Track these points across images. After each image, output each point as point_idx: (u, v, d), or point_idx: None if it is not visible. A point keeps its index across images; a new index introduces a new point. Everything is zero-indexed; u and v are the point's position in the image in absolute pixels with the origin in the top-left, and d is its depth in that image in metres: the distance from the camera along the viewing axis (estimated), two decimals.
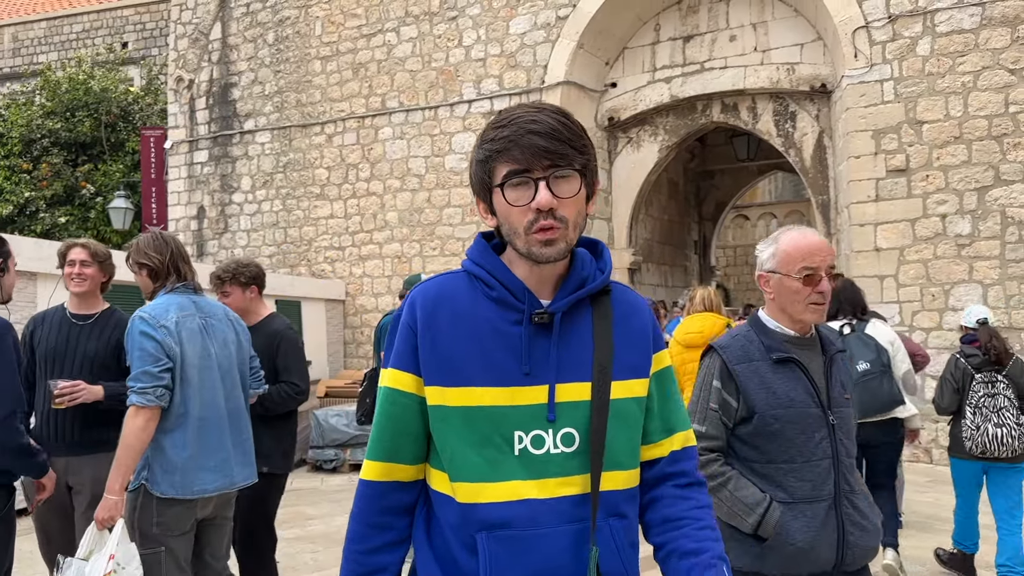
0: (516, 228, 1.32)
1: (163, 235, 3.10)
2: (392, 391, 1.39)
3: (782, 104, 9.76)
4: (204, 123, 12.92)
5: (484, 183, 1.36)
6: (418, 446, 1.40)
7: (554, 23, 10.19)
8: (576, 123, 1.32)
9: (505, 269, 1.37)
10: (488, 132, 1.34)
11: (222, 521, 3.09)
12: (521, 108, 1.33)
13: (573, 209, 1.32)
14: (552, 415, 1.32)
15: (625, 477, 1.38)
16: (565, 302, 1.36)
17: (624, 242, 10.86)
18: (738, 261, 21.90)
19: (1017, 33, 7.79)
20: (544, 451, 1.32)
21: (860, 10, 8.43)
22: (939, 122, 8.06)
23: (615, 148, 10.88)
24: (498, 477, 1.31)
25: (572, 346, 1.36)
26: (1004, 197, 7.80)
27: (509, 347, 1.33)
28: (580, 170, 1.32)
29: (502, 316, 1.35)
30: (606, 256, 1.45)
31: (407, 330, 1.39)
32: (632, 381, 1.39)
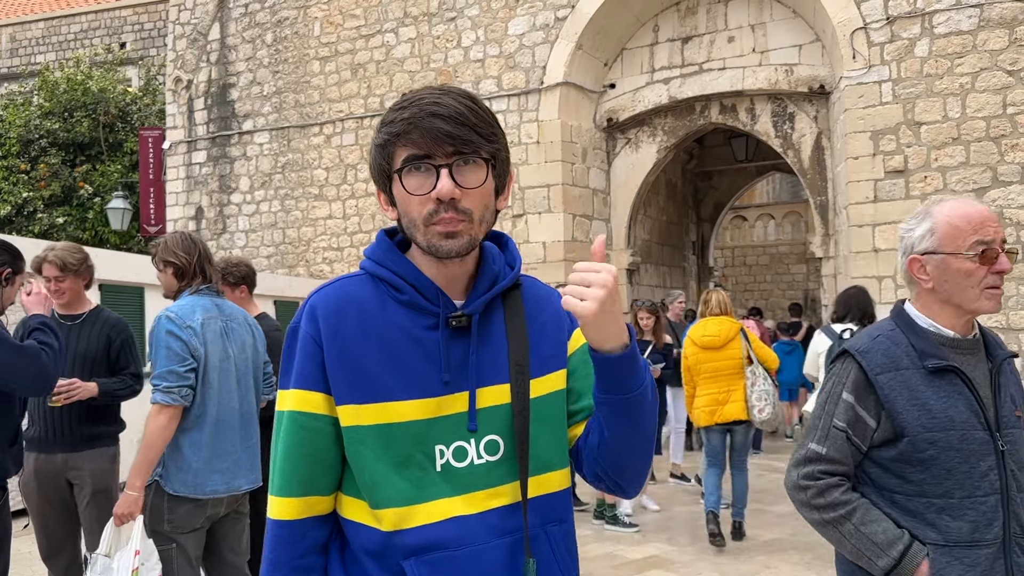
0: (415, 219, 1.20)
1: (191, 236, 3.13)
2: (300, 415, 1.23)
3: (780, 105, 9.77)
4: (202, 123, 12.91)
5: (383, 170, 1.24)
6: (334, 474, 1.26)
7: (553, 24, 10.20)
8: (485, 109, 1.21)
9: (414, 269, 1.25)
10: (388, 115, 1.21)
11: (236, 516, 3.11)
12: (425, 90, 1.21)
13: (479, 201, 1.21)
14: (473, 424, 1.23)
15: (559, 478, 1.29)
16: (480, 302, 1.25)
17: (623, 243, 10.86)
18: (736, 262, 21.91)
19: (1015, 35, 7.80)
20: (467, 463, 1.22)
21: (858, 11, 8.44)
22: (937, 123, 8.08)
23: (614, 149, 10.88)
24: (424, 498, 1.20)
25: (488, 348, 1.26)
26: (1002, 198, 7.81)
27: (426, 354, 1.22)
28: (487, 159, 1.21)
29: (415, 321, 1.23)
30: (512, 249, 1.34)
31: (310, 344, 1.23)
32: (550, 375, 1.30)
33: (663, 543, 5.61)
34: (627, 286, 10.86)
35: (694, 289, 14.50)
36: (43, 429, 3.37)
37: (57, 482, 3.36)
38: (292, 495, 1.24)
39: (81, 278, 3.45)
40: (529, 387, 1.25)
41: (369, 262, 1.29)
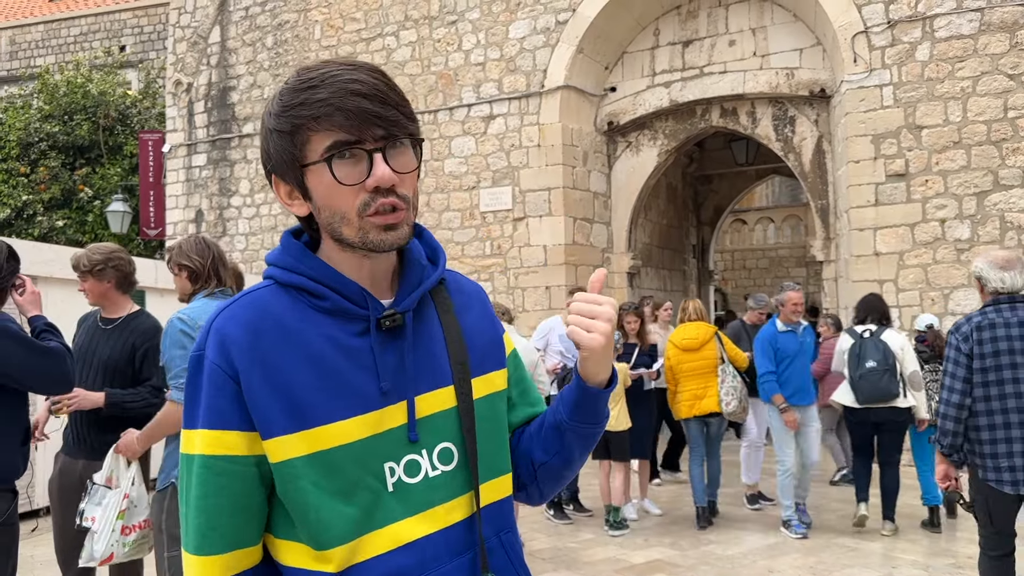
0: (345, 213, 1.06)
1: (205, 239, 3.12)
2: (214, 460, 1.05)
3: (781, 109, 9.78)
4: (202, 127, 12.91)
5: (293, 159, 1.07)
6: (261, 520, 1.09)
7: (553, 28, 10.20)
8: (397, 86, 1.09)
9: (332, 271, 1.10)
10: (291, 95, 1.05)
11: None
12: (332, 65, 1.06)
13: (411, 186, 1.09)
14: (414, 435, 1.10)
15: (506, 482, 1.21)
16: (412, 299, 1.13)
17: (623, 246, 10.86)
18: (736, 265, 21.92)
19: (1016, 39, 7.82)
20: (421, 477, 1.10)
21: (859, 15, 8.45)
22: (938, 127, 8.08)
23: (614, 152, 10.89)
24: (376, 524, 1.06)
25: (424, 349, 1.14)
26: (1003, 202, 7.82)
27: (359, 364, 1.08)
28: (413, 140, 1.09)
29: (342, 329, 1.09)
30: (430, 239, 1.22)
31: (219, 376, 1.05)
32: (492, 375, 1.21)
33: (666, 547, 5.60)
34: (627, 289, 10.85)
35: (694, 292, 14.50)
36: (71, 432, 3.40)
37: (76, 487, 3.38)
38: (214, 552, 1.06)
39: (102, 280, 3.38)
40: (471, 387, 1.16)
41: (278, 270, 1.12)
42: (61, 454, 3.44)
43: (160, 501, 2.92)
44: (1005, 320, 3.31)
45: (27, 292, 2.91)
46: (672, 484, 7.77)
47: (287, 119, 1.05)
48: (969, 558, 5.15)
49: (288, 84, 1.06)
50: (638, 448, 6.42)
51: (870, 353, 5.53)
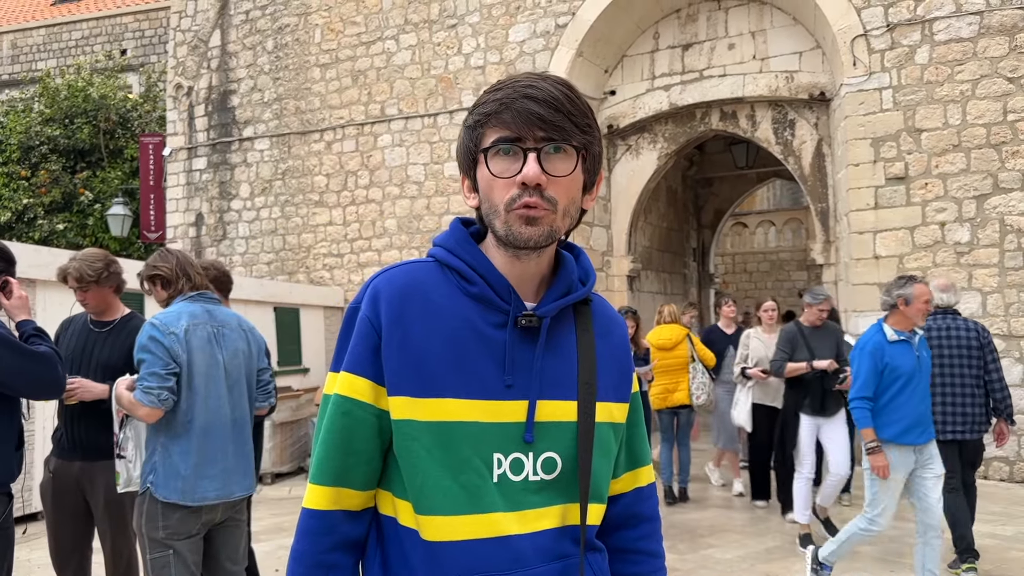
0: (496, 205, 1.13)
1: (168, 249, 3.19)
2: (344, 400, 1.16)
3: (781, 112, 9.78)
4: (203, 130, 12.92)
5: (470, 152, 1.17)
6: (371, 469, 1.18)
7: (553, 31, 10.21)
8: (582, 99, 1.15)
9: (487, 262, 1.18)
10: (482, 96, 1.16)
11: (234, 523, 3.12)
12: (524, 74, 1.16)
13: (565, 192, 1.14)
14: (530, 436, 1.14)
15: (602, 510, 1.25)
16: (555, 306, 1.18)
17: (623, 249, 10.85)
18: (736, 269, 21.90)
19: (1015, 42, 7.81)
20: (523, 477, 1.14)
21: (859, 18, 8.45)
22: (938, 130, 8.07)
23: (614, 156, 10.88)
24: (477, 509, 1.11)
25: (555, 359, 1.18)
26: (1003, 205, 7.80)
27: (490, 353, 1.14)
28: (578, 149, 1.14)
29: (482, 317, 1.16)
30: (585, 262, 1.28)
31: (367, 327, 1.16)
32: (613, 405, 1.24)
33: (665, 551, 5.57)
34: (627, 293, 10.84)
35: (695, 295, 14.49)
36: (64, 435, 3.41)
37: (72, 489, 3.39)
38: (324, 483, 1.17)
39: (104, 286, 3.42)
40: (595, 409, 1.19)
41: (440, 249, 1.21)
42: (52, 457, 3.44)
43: (140, 505, 2.92)
44: (946, 325, 4.95)
45: (14, 296, 2.91)
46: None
47: (473, 116, 1.16)
48: None
49: (487, 88, 1.18)
50: None
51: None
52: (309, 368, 10.41)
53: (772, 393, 6.34)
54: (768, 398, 6.40)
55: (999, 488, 7.44)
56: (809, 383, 5.53)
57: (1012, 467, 7.68)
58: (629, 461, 1.32)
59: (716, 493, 7.47)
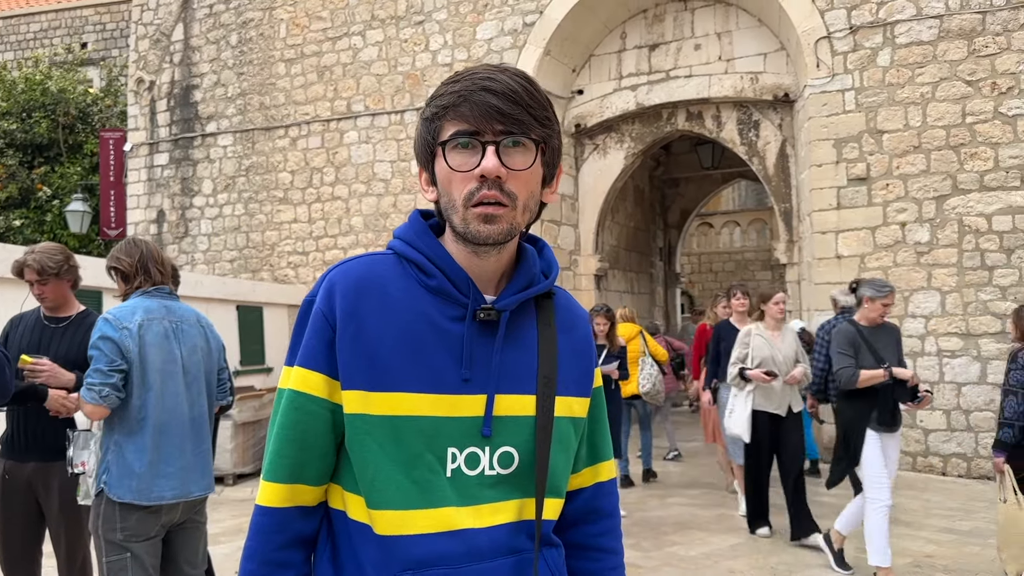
0: (454, 200, 1.12)
1: (135, 239, 3.14)
2: (297, 395, 1.15)
3: (746, 113, 9.86)
4: (165, 125, 12.70)
5: (428, 145, 1.16)
6: (326, 464, 1.17)
7: (521, 29, 10.19)
8: (541, 92, 1.13)
9: (446, 255, 1.17)
10: (439, 88, 1.15)
11: (193, 525, 3.06)
12: (482, 66, 1.14)
13: (524, 187, 1.12)
14: (488, 430, 1.13)
15: (559, 505, 1.24)
16: (514, 299, 1.17)
17: (591, 248, 10.87)
18: (702, 268, 22.10)
19: (973, 45, 7.96)
20: (479, 472, 1.13)
21: (822, 21, 8.55)
22: (899, 132, 8.20)
23: (582, 155, 10.90)
24: (429, 503, 1.10)
25: (515, 353, 1.17)
26: (961, 206, 7.95)
27: (447, 347, 1.13)
28: (537, 142, 1.13)
29: (441, 310, 1.14)
30: (549, 256, 1.26)
31: (321, 321, 1.14)
32: (574, 399, 1.23)
33: (629, 548, 5.58)
34: (595, 292, 10.86)
35: (661, 295, 14.58)
36: (17, 436, 3.33)
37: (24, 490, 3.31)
38: (278, 480, 1.15)
39: (63, 280, 3.38)
40: (554, 403, 1.18)
41: (399, 242, 1.20)
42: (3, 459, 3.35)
43: (96, 506, 2.85)
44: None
45: None
46: (639, 486, 7.77)
47: (430, 108, 1.14)
48: (928, 556, 5.21)
49: (444, 80, 1.16)
50: None
51: None
52: (272, 368, 10.27)
53: (776, 398, 5.55)
54: (771, 404, 5.55)
55: (957, 484, 7.58)
56: (881, 394, 4.68)
57: (969, 463, 7.83)
58: (590, 456, 1.31)
59: (684, 490, 7.51)
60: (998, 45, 7.85)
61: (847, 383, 4.67)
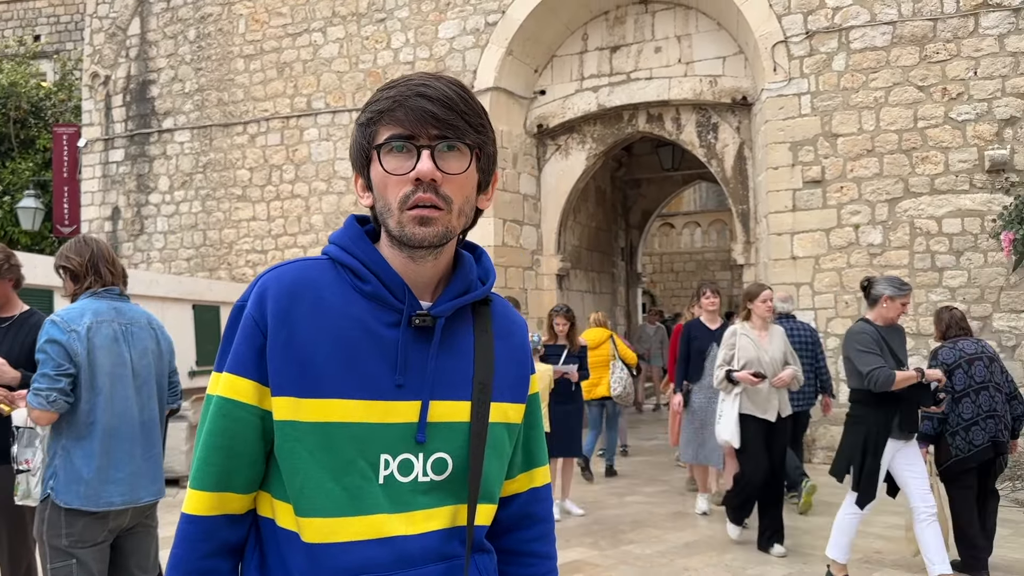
0: (390, 203, 1.12)
1: (86, 238, 3.07)
2: (226, 402, 1.13)
3: (705, 115, 9.98)
4: (120, 121, 12.44)
5: (363, 149, 1.16)
6: (255, 472, 1.16)
7: (483, 29, 10.18)
8: (475, 100, 1.16)
9: (382, 260, 1.17)
10: (375, 94, 1.16)
11: (143, 530, 3.00)
12: (417, 73, 1.16)
13: (459, 191, 1.14)
14: (422, 436, 1.13)
15: (492, 511, 1.24)
16: (450, 305, 1.18)
17: (553, 248, 10.91)
18: (664, 268, 22.30)
19: (925, 52, 8.15)
20: (412, 478, 1.13)
21: (779, 25, 8.69)
22: (853, 135, 8.36)
23: (544, 155, 10.93)
24: (360, 510, 1.10)
25: (450, 359, 1.18)
26: (913, 209, 8.13)
27: (381, 353, 1.13)
28: (472, 148, 1.14)
29: (376, 316, 1.14)
30: (487, 262, 1.28)
31: (252, 326, 1.13)
32: (509, 405, 1.23)
33: (586, 547, 5.62)
34: (557, 291, 10.90)
35: (622, 294, 14.68)
36: None
37: None
38: (205, 488, 1.14)
39: (5, 280, 3.32)
40: (489, 409, 1.18)
41: (333, 247, 1.19)
42: None
43: (41, 512, 2.79)
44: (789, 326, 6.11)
45: None
46: (599, 484, 7.82)
47: (365, 113, 1.15)
48: (876, 552, 5.33)
49: (379, 86, 1.18)
50: (563, 448, 6.47)
51: None
52: None
53: (763, 402, 5.27)
54: (758, 408, 5.28)
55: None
56: (906, 398, 4.39)
57: None
58: (525, 461, 1.32)
59: (643, 488, 7.58)
60: (948, 52, 8.05)
61: (884, 384, 4.24)
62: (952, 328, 5.12)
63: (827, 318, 8.37)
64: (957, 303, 7.85)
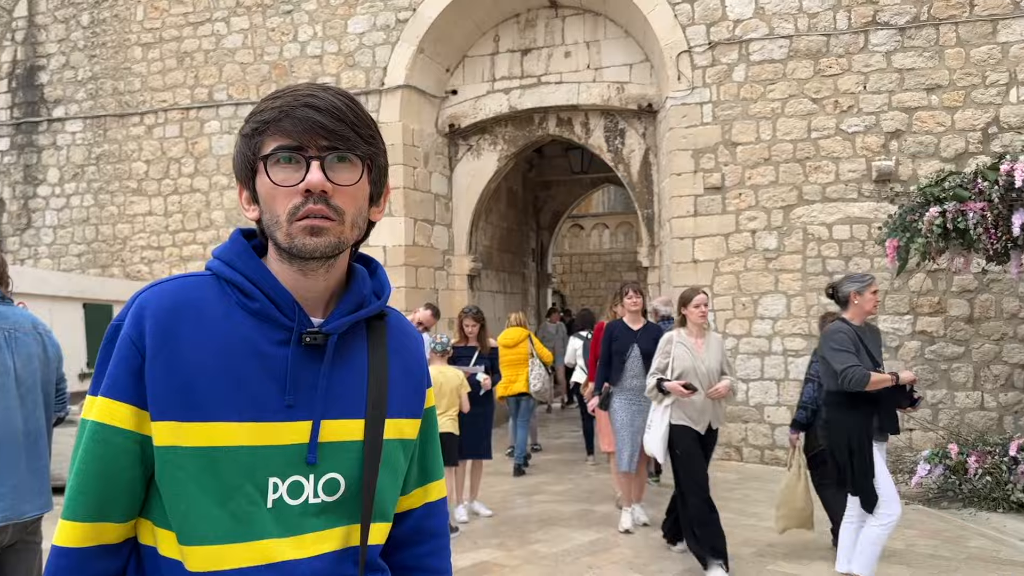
0: (278, 215, 1.09)
1: None
2: (102, 428, 1.07)
3: (612, 121, 10.18)
4: (6, 108, 11.71)
5: (248, 161, 1.12)
6: (133, 499, 1.10)
7: (394, 26, 10.08)
8: (365, 111, 1.14)
9: (270, 276, 1.12)
10: (260, 104, 1.12)
11: (25, 546, 2.84)
12: (303, 84, 1.14)
13: (352, 202, 1.11)
14: (313, 457, 1.10)
15: (386, 529, 1.22)
16: (343, 322, 1.14)
17: (464, 248, 10.90)
18: (573, 269, 22.65)
19: (819, 66, 8.55)
20: (302, 501, 1.10)
21: (684, 35, 8.95)
22: (751, 144, 8.70)
23: (456, 155, 10.91)
24: (247, 536, 1.06)
25: (343, 376, 1.15)
26: (806, 215, 8.53)
27: (269, 373, 1.09)
28: (364, 159, 1.12)
29: (263, 334, 1.10)
30: (382, 276, 1.26)
31: (129, 348, 1.07)
32: (404, 421, 1.22)
33: (493, 548, 5.64)
34: (468, 291, 10.90)
35: (533, 294, 14.82)
36: None
37: None
38: (79, 519, 1.07)
39: None
40: (383, 427, 1.16)
41: (217, 262, 1.14)
42: None
43: None
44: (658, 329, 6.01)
45: None
46: (508, 484, 7.87)
47: (249, 124, 1.12)
48: (770, 545, 5.56)
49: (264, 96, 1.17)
50: (473, 450, 6.48)
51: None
52: None
53: (696, 413, 4.99)
54: (692, 420, 5.00)
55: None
56: (884, 400, 4.33)
57: (763, 452, 8.39)
58: (420, 476, 1.31)
59: (551, 487, 7.67)
60: (840, 66, 8.48)
61: (858, 383, 4.15)
62: None
63: (725, 319, 8.69)
64: None
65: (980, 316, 7.94)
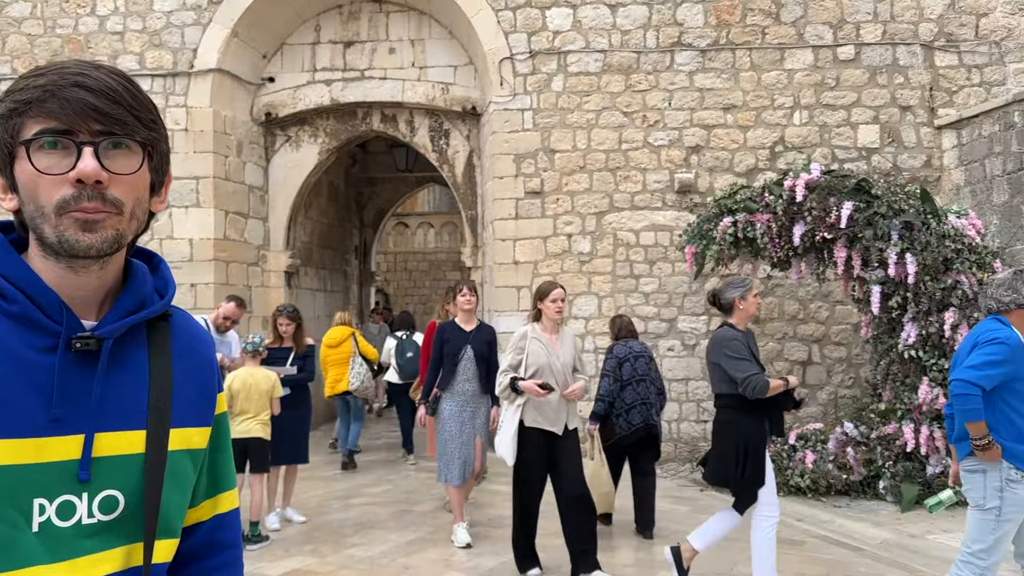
0: (44, 207, 0.98)
1: None
2: None
3: (437, 121, 10.22)
4: None
5: (5, 145, 1.01)
6: None
7: (206, 6, 9.51)
8: (144, 94, 1.04)
9: (32, 275, 1.01)
10: (18, 82, 1.01)
11: None
12: (72, 61, 1.03)
13: (131, 192, 1.02)
14: (86, 474, 1.01)
15: (173, 545, 1.14)
16: (119, 325, 1.05)
17: (281, 244, 10.51)
18: (398, 267, 22.50)
19: (630, 81, 9.06)
20: (74, 522, 1.01)
21: (506, 42, 9.15)
22: (568, 152, 9.06)
23: (273, 146, 10.48)
24: (10, 565, 0.96)
25: (121, 384, 1.06)
26: (616, 222, 9.01)
27: (32, 383, 0.99)
28: (144, 145, 1.03)
29: (25, 340, 1.00)
30: (165, 272, 1.17)
31: None
32: (192, 430, 1.14)
33: (306, 555, 5.50)
34: (285, 289, 10.52)
35: (356, 293, 14.56)
36: None
37: None
38: None
39: None
40: (168, 437, 1.07)
41: None
42: None
43: None
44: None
45: None
46: (323, 488, 7.68)
47: (5, 103, 1.00)
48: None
49: (23, 73, 1.01)
50: (287, 454, 6.28)
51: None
52: None
53: (551, 414, 4.79)
54: (546, 420, 4.79)
55: None
56: (775, 404, 4.45)
57: None
58: (210, 487, 1.23)
59: (369, 489, 7.57)
60: (648, 83, 9.02)
61: (760, 391, 4.27)
62: (623, 331, 6.33)
63: None
64: (650, 306, 8.85)
65: (765, 317, 8.76)
